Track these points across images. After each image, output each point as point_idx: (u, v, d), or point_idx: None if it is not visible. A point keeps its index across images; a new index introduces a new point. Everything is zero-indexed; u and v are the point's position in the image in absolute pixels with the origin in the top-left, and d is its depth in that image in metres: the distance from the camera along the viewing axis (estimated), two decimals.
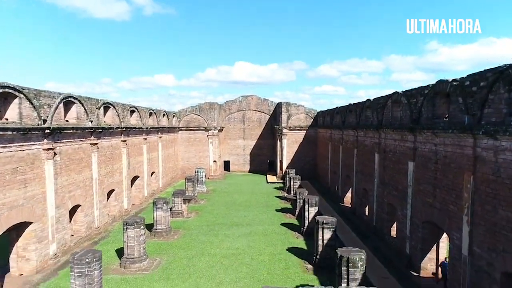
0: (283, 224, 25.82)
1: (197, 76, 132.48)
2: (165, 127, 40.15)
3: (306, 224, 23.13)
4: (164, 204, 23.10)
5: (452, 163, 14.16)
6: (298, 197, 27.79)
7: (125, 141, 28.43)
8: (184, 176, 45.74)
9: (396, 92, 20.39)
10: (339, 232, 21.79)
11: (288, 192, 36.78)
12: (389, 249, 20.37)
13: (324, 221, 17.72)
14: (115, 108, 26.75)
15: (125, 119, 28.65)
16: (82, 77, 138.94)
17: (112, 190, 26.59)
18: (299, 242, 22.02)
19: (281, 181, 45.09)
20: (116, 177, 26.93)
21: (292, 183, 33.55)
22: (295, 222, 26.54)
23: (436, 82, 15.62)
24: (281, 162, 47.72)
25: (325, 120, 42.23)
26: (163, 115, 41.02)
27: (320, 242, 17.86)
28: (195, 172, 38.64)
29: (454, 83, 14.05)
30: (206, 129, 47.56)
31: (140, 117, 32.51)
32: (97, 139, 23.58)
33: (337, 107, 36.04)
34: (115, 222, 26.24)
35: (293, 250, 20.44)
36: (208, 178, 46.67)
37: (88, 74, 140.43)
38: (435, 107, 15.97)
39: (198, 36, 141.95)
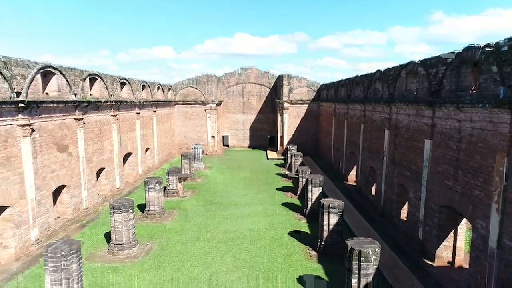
0: (284, 204, 24.33)
1: (196, 49, 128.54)
2: (159, 101, 38.08)
3: (309, 205, 21.60)
4: (157, 184, 21.49)
5: (481, 142, 12.33)
6: (300, 175, 26.18)
7: (115, 115, 26.49)
8: (181, 152, 44.24)
9: (411, 62, 18.29)
10: (344, 213, 20.30)
11: (289, 169, 35.19)
12: (399, 233, 18.91)
13: (330, 205, 16.12)
14: (102, 80, 24.66)
15: (115, 92, 26.60)
16: (80, 49, 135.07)
17: (102, 169, 24.92)
18: (302, 224, 20.55)
19: (282, 157, 43.49)
20: (106, 154, 25.20)
21: (293, 160, 31.90)
22: (297, 202, 25.06)
23: (463, 49, 13.55)
24: (281, 137, 45.93)
25: (328, 94, 40.08)
26: (158, 88, 38.84)
27: (325, 228, 16.34)
28: (192, 148, 36.94)
29: (487, 49, 12.00)
30: (203, 103, 45.46)
31: (132, 90, 30.41)
32: (83, 114, 21.66)
33: (342, 80, 33.86)
34: (106, 202, 24.73)
35: (295, 234, 18.99)
36: (206, 154, 45.07)
37: (86, 47, 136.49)
38: (460, 78, 13.98)
39: (196, 6, 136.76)
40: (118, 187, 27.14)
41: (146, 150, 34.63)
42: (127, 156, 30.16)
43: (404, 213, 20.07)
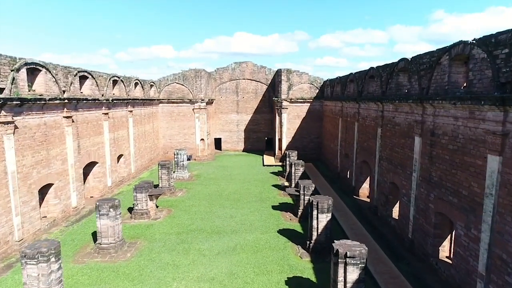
0: (282, 232, 18.95)
1: (196, 47, 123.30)
2: (137, 99, 32.67)
3: (315, 236, 16.22)
4: (111, 209, 16.11)
5: None
6: (302, 192, 20.82)
7: (69, 117, 21.11)
8: (167, 157, 38.93)
9: (460, 42, 12.90)
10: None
11: (288, 179, 29.82)
12: (442, 283, 13.52)
13: (348, 254, 10.74)
14: (49, 72, 19.27)
15: (69, 88, 21.22)
16: (80, 48, 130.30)
17: (50, 185, 19.56)
18: (305, 266, 15.17)
19: (280, 163, 38.10)
20: (55, 166, 19.81)
21: (293, 169, 26.54)
22: (298, 227, 19.69)
23: None
24: (280, 140, 40.54)
25: (334, 91, 34.68)
26: (136, 84, 33.43)
27: (341, 286, 10.97)
28: (175, 154, 31.54)
29: None
30: (191, 102, 40.04)
31: (98, 85, 25.00)
32: (14, 116, 16.26)
33: (351, 73, 28.46)
34: (56, 227, 19.41)
35: (296, 283, 13.63)
36: (195, 160, 39.82)
37: (86, 46, 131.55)
38: None
39: (197, 4, 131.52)
40: (74, 206, 21.76)
41: (118, 158, 29.26)
42: (90, 166, 24.79)
43: (445, 251, 14.72)
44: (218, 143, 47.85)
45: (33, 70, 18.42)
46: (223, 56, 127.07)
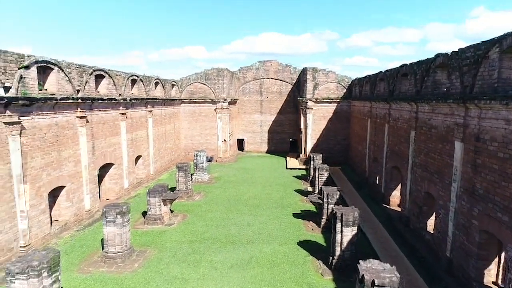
0: (303, 244, 17.36)
1: (224, 48, 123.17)
2: (157, 99, 31.91)
3: (338, 252, 14.53)
4: (118, 216, 15.11)
5: None
6: (325, 200, 19.12)
7: (84, 117, 20.43)
8: (188, 158, 38.13)
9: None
10: (390, 261, 13.12)
11: (312, 184, 28.14)
12: None
13: (376, 282, 9.06)
14: (62, 70, 18.60)
15: (84, 87, 20.53)
16: (113, 50, 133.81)
17: (61, 187, 18.90)
18: (326, 285, 13.52)
19: (304, 166, 36.36)
20: (67, 168, 19.14)
21: (317, 174, 24.78)
22: (320, 239, 18.02)
23: None
24: (305, 142, 38.77)
25: (363, 90, 32.58)
26: (156, 83, 32.72)
27: None
28: (195, 156, 30.53)
29: None
30: (213, 102, 39.01)
31: (115, 85, 24.31)
32: (20, 116, 15.59)
33: (381, 72, 26.38)
34: (67, 232, 18.74)
35: None
36: (216, 161, 38.77)
37: (119, 47, 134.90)
38: None
39: (229, 4, 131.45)
40: (88, 209, 21.07)
41: (137, 159, 28.58)
42: (106, 167, 24.13)
43: (491, 276, 12.67)
44: (241, 144, 46.67)
45: (44, 68, 17.79)
46: (250, 56, 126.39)
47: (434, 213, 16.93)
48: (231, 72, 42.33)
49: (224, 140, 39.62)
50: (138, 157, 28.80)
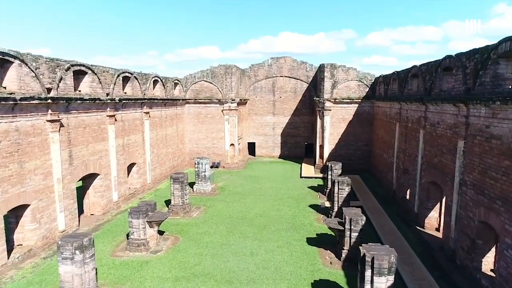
0: (318, 285, 13.48)
1: (240, 48, 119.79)
2: (156, 99, 28.54)
3: None
4: (77, 252, 11.60)
5: None
6: (348, 226, 15.20)
7: (56, 120, 17.10)
8: (193, 163, 34.67)
9: None
10: None
11: (330, 198, 24.17)
12: None
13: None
14: (26, 65, 15.27)
15: (58, 85, 17.21)
16: (129, 50, 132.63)
17: (24, 206, 15.59)
18: None
19: (321, 175, 32.36)
20: (31, 183, 15.81)
21: (336, 189, 20.80)
22: (341, 278, 14.09)
23: None
24: (321, 147, 34.77)
25: (389, 89, 28.39)
26: (155, 81, 29.33)
27: None
28: (195, 164, 26.98)
29: None
30: (220, 102, 35.44)
31: (100, 82, 20.97)
32: None
33: (414, 66, 22.20)
34: (31, 261, 15.41)
35: None
36: (224, 167, 35.24)
37: (136, 47, 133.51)
38: None
39: (241, 4, 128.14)
40: (62, 230, 17.75)
41: (130, 166, 25.24)
42: (90, 178, 20.85)
43: None
44: (251, 148, 42.97)
45: (2, 62, 14.51)
46: (267, 56, 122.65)
47: (495, 252, 12.82)
48: (241, 69, 38.67)
49: (232, 144, 35.99)
50: (132, 165, 25.46)
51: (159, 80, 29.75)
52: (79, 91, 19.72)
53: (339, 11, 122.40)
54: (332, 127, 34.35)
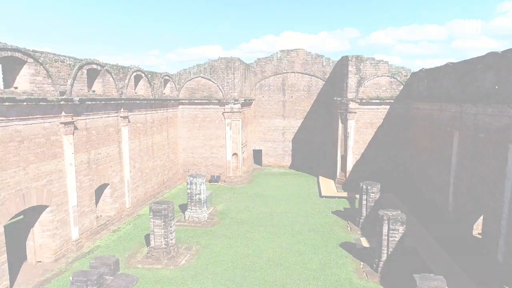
0: None
1: (241, 47, 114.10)
2: (138, 99, 22.38)
3: None
4: None
5: None
6: None
7: None
8: (186, 176, 28.54)
9: None
10: None
11: (364, 230, 17.99)
12: None
13: None
14: None
15: None
16: (132, 49, 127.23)
17: None
18: None
19: (345, 194, 26.10)
20: None
21: (386, 229, 14.35)
22: None
23: None
24: (343, 158, 28.54)
25: (435, 86, 22.12)
26: (138, 77, 23.18)
27: None
28: (188, 183, 20.82)
29: None
30: (220, 102, 29.27)
31: (50, 77, 14.84)
32: None
33: (490, 53, 15.85)
34: None
35: None
36: (224, 181, 29.13)
37: (138, 47, 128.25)
38: None
39: (243, 4, 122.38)
40: None
41: (101, 188, 19.13)
42: (34, 211, 14.71)
43: None
44: (257, 155, 36.79)
45: None
46: (269, 54, 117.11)
47: None
48: (245, 64, 32.46)
49: (235, 153, 29.80)
50: (103, 186, 19.35)
51: (143, 75, 23.57)
52: (15, 88, 13.63)
53: (342, 10, 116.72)
54: (357, 133, 28.09)
